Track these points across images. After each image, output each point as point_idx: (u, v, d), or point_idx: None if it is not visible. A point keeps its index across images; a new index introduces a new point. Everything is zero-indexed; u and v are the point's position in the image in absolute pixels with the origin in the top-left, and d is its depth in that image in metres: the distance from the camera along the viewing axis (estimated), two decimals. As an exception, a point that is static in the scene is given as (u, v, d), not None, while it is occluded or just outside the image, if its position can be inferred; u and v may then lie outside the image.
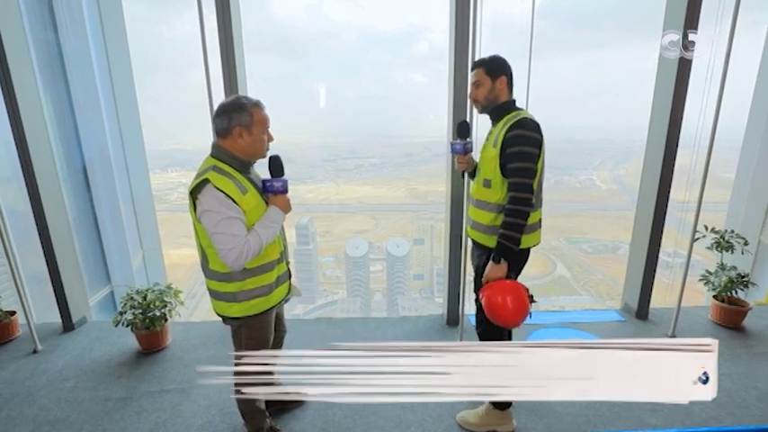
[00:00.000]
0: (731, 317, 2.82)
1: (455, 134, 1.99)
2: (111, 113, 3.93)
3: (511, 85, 1.69)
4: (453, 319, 2.88)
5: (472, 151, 1.94)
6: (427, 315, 3.11)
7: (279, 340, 1.87)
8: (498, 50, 1.72)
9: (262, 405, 1.75)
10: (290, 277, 1.70)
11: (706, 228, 2.78)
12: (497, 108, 1.68)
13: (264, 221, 1.45)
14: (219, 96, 2.32)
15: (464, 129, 1.93)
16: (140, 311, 2.56)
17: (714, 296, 2.88)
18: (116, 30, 3.88)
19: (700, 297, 3.41)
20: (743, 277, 2.79)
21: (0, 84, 2.41)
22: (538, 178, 1.61)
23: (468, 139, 1.93)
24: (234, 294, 1.50)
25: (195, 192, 1.37)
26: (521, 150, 1.56)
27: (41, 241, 2.71)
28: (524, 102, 1.91)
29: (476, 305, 1.85)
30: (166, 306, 2.63)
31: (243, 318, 1.54)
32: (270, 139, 1.50)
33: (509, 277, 1.64)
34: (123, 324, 2.56)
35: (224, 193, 1.35)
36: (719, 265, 2.88)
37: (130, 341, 2.67)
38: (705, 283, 2.92)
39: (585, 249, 23.76)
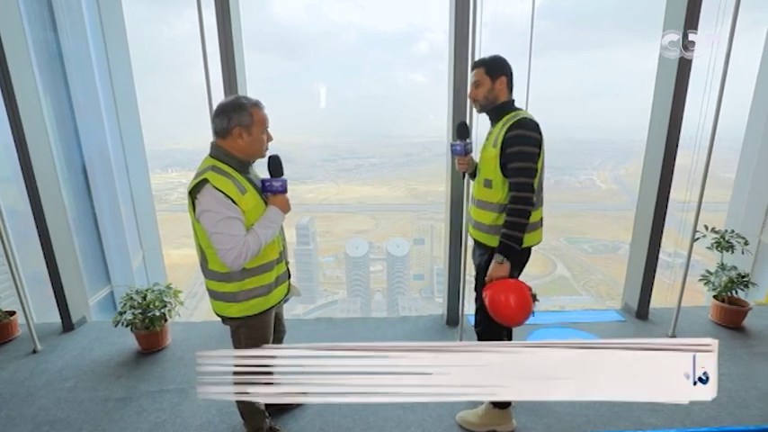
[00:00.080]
0: (731, 317, 2.82)
1: (454, 135, 1.99)
2: (110, 113, 3.93)
3: (511, 86, 1.69)
4: (453, 319, 2.88)
5: (472, 152, 1.94)
6: (427, 315, 3.11)
7: (278, 340, 1.87)
8: (498, 50, 1.72)
9: (261, 405, 1.75)
10: (290, 277, 1.70)
11: (706, 228, 2.78)
12: (497, 108, 1.68)
13: (263, 221, 1.45)
14: (219, 96, 2.32)
15: (463, 130, 1.94)
16: (140, 311, 2.56)
17: (714, 296, 2.88)
18: (116, 30, 3.88)
19: (700, 297, 3.41)
20: (743, 277, 2.78)
21: (0, 84, 2.41)
22: (538, 177, 1.62)
23: (467, 140, 1.93)
24: (233, 294, 1.50)
25: (194, 192, 1.37)
26: (521, 150, 1.56)
27: (41, 241, 2.71)
28: (524, 102, 1.91)
29: (476, 304, 1.85)
30: (166, 306, 2.64)
31: (242, 318, 1.54)
32: (269, 139, 1.50)
33: (511, 276, 1.65)
34: (123, 324, 2.56)
35: (223, 193, 1.35)
36: (720, 265, 2.88)
37: (130, 341, 2.67)
38: (705, 283, 2.92)
39: (586, 249, 23.74)
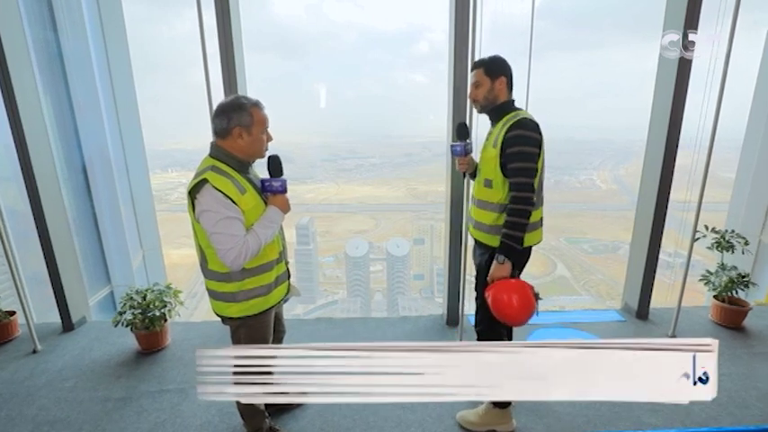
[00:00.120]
0: (731, 317, 2.82)
1: (454, 136, 1.99)
2: (110, 113, 3.93)
3: (510, 86, 1.69)
4: (453, 319, 2.88)
5: (472, 152, 1.94)
6: (427, 315, 3.11)
7: (278, 340, 1.87)
8: (498, 50, 1.72)
9: (261, 405, 1.75)
10: (289, 277, 1.70)
11: (706, 228, 2.78)
12: (497, 108, 1.68)
13: (263, 221, 1.45)
14: (219, 97, 2.32)
15: (463, 130, 1.94)
16: (140, 311, 2.56)
17: (714, 296, 2.88)
18: (116, 30, 3.88)
19: (700, 297, 3.41)
20: (743, 277, 2.78)
21: (0, 84, 2.41)
22: (538, 177, 1.62)
23: (467, 141, 1.93)
24: (233, 294, 1.50)
25: (194, 192, 1.37)
26: (521, 150, 1.56)
27: (41, 241, 2.71)
28: (524, 102, 1.91)
29: (476, 303, 1.85)
30: (166, 306, 2.64)
31: (242, 318, 1.54)
32: (269, 139, 1.50)
33: (513, 275, 1.65)
34: (123, 324, 2.56)
35: (222, 193, 1.35)
36: (720, 265, 2.88)
37: (130, 341, 2.67)
38: (705, 283, 2.92)
39: (586, 249, 23.73)
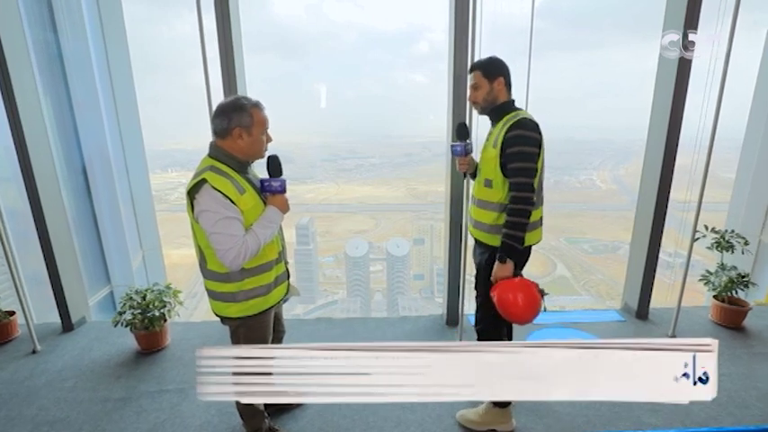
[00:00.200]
0: (731, 317, 2.82)
1: (454, 136, 1.99)
2: (110, 114, 3.93)
3: (509, 86, 1.69)
4: (453, 319, 2.88)
5: (472, 152, 1.94)
6: (427, 315, 3.11)
7: (278, 340, 1.87)
8: (498, 50, 1.72)
9: (260, 405, 1.75)
10: (289, 277, 1.70)
11: (706, 228, 2.78)
12: (496, 109, 1.68)
13: (262, 221, 1.45)
14: (219, 97, 2.32)
15: (463, 130, 1.94)
16: (139, 312, 2.55)
17: (714, 296, 2.88)
18: (116, 30, 3.88)
19: (700, 297, 3.41)
20: (743, 277, 2.78)
21: (0, 85, 2.41)
22: (538, 177, 1.62)
23: (467, 141, 1.94)
24: (232, 294, 1.49)
25: (193, 192, 1.37)
26: (521, 150, 1.56)
27: (41, 242, 2.70)
28: (524, 102, 1.91)
29: (476, 302, 1.85)
30: (165, 306, 2.63)
31: (241, 318, 1.54)
32: (269, 140, 1.50)
33: (514, 275, 1.65)
34: (122, 324, 2.56)
35: (221, 193, 1.35)
36: (720, 265, 2.88)
37: (130, 341, 2.67)
38: (705, 283, 2.92)
39: (586, 249, 23.72)
